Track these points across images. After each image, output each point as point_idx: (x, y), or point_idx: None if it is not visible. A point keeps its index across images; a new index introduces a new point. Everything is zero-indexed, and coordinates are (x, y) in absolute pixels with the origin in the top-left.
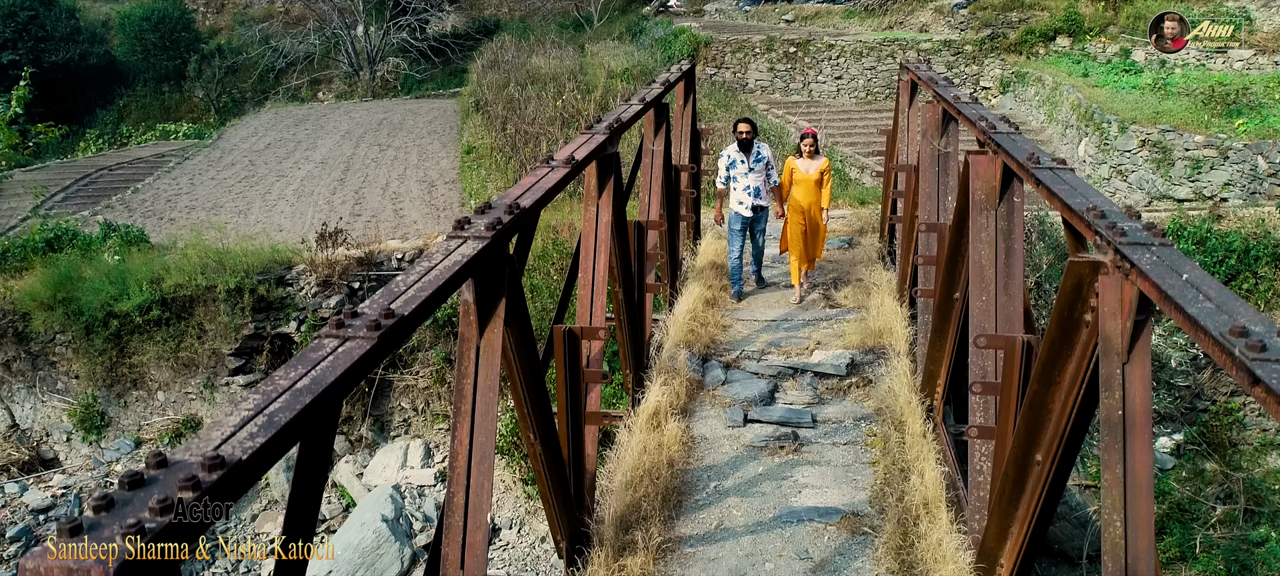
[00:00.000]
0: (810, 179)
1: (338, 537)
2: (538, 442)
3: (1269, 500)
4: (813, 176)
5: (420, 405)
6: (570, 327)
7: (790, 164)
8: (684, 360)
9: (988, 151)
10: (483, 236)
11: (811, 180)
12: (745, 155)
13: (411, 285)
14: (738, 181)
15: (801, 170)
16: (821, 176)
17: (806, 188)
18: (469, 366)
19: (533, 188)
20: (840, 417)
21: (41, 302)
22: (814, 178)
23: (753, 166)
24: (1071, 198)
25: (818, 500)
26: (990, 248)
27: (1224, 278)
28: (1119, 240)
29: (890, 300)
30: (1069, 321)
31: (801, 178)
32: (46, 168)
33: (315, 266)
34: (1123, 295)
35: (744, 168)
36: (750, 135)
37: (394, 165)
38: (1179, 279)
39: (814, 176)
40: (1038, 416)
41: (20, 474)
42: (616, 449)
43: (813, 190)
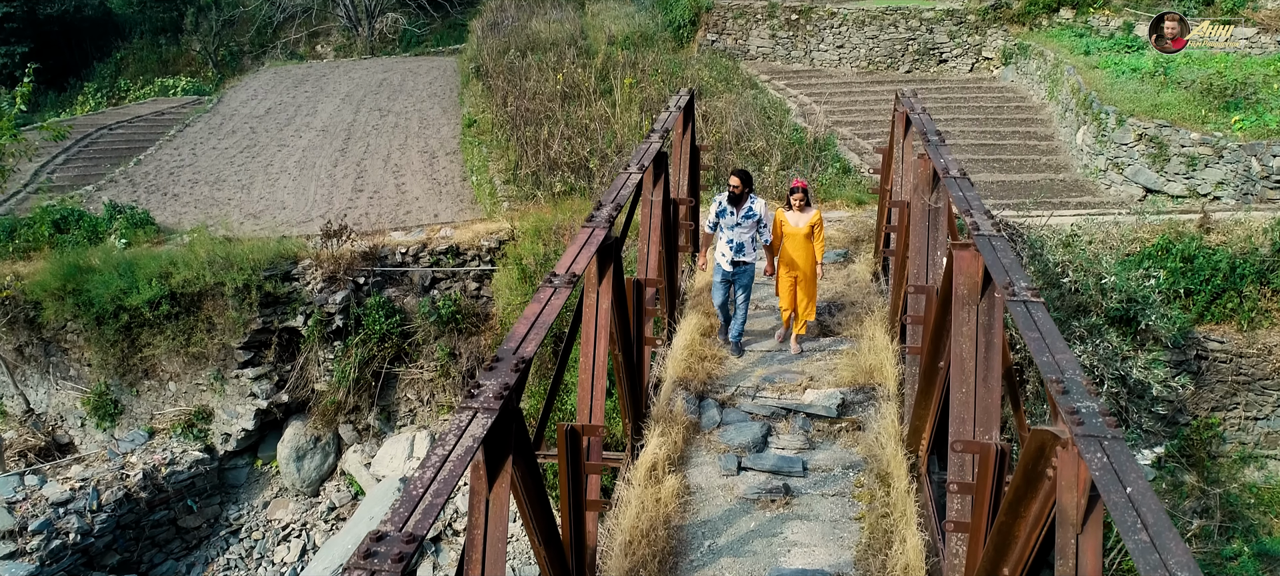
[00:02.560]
0: (800, 233)
1: (346, 531)
2: (542, 549)
3: (1243, 515)
4: (803, 230)
5: (426, 397)
6: (572, 426)
7: (779, 216)
8: (681, 405)
9: (971, 248)
10: (491, 408)
11: (802, 234)
12: (735, 208)
13: (428, 487)
14: (723, 232)
15: (791, 224)
16: (812, 229)
17: (797, 242)
18: (479, 518)
19: (537, 323)
20: (829, 465)
21: (52, 292)
22: (804, 232)
23: (741, 220)
24: (1040, 353)
25: (805, 561)
26: (971, 342)
27: (1209, 297)
28: (1077, 430)
29: (882, 334)
30: (1033, 474)
31: (791, 232)
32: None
33: (321, 261)
34: (1078, 474)
35: (732, 220)
36: (740, 190)
37: (395, 133)
38: (1123, 493)
39: (804, 230)
40: (1005, 540)
41: (37, 459)
42: (616, 505)
43: (803, 244)
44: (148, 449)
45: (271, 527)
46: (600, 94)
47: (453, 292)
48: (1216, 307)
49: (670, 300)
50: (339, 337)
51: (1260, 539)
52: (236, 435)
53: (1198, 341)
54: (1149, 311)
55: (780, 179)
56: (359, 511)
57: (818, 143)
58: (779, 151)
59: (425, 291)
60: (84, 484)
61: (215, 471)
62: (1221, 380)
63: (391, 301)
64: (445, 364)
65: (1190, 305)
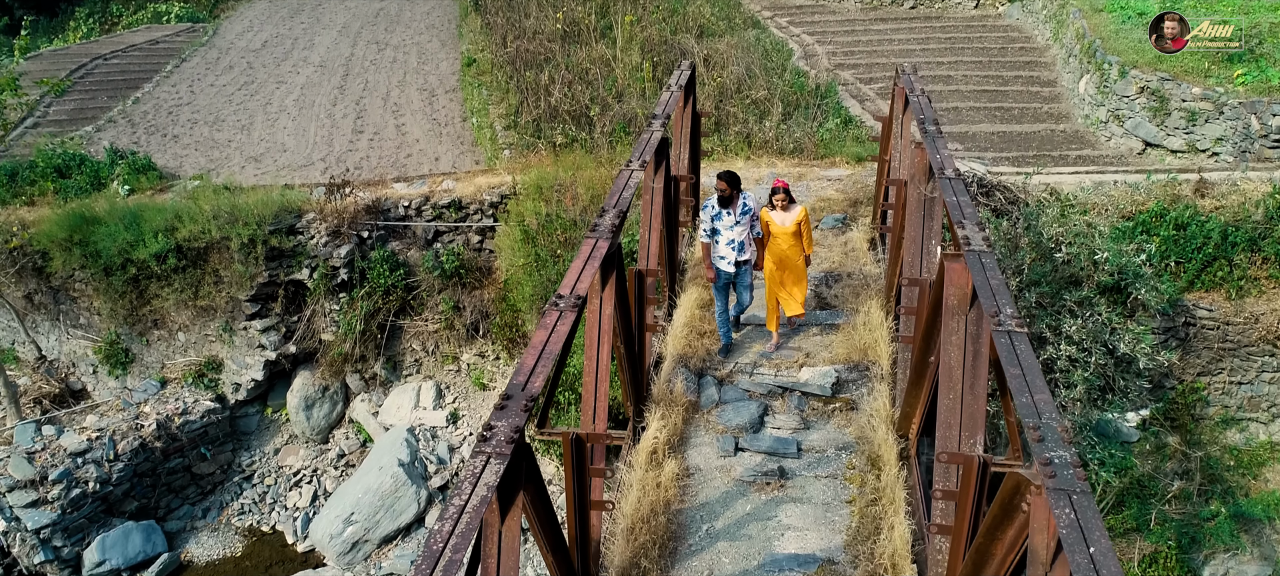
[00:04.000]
0: (788, 231)
1: (356, 478)
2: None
3: (1222, 478)
4: (790, 228)
5: (431, 347)
6: (577, 434)
7: (765, 216)
8: (680, 385)
9: (962, 261)
10: (503, 453)
11: (789, 232)
12: (727, 210)
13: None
14: (721, 235)
15: (778, 222)
16: (799, 226)
17: (785, 240)
18: (492, 548)
19: (545, 354)
20: (823, 446)
21: (58, 242)
22: (791, 229)
23: (738, 220)
24: (1020, 392)
25: (798, 545)
26: (959, 350)
27: (1200, 265)
28: (1048, 481)
29: (877, 310)
30: (1010, 506)
31: (779, 230)
32: (40, 56)
33: (325, 215)
34: (1048, 520)
35: (730, 221)
36: (728, 193)
37: (393, 69)
38: (1086, 554)
39: (791, 228)
40: (983, 558)
41: (52, 405)
42: (619, 488)
43: (792, 242)
44: (160, 399)
45: (283, 473)
46: (601, 33)
47: (455, 246)
48: (1207, 276)
49: (670, 275)
50: (344, 290)
51: (1237, 500)
52: (246, 385)
53: (1187, 309)
54: (1139, 283)
55: (781, 132)
56: (368, 460)
57: (819, 89)
58: (780, 101)
59: (428, 244)
60: (100, 434)
61: (227, 420)
62: (1208, 347)
63: (395, 254)
64: (450, 316)
65: (1181, 274)
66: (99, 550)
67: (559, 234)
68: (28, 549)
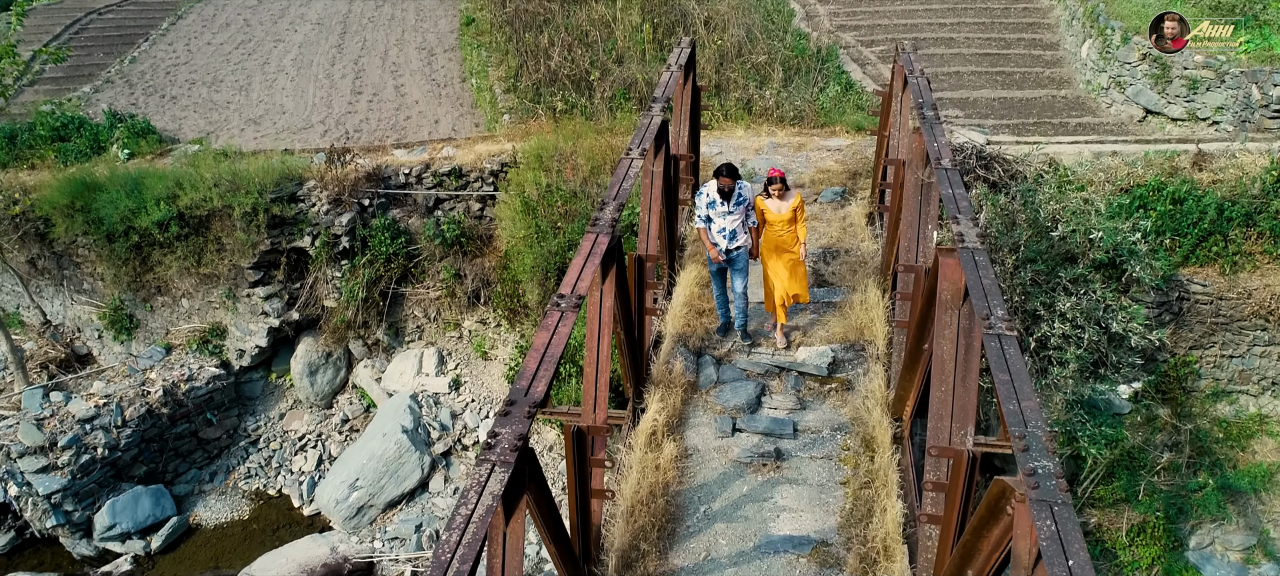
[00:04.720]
0: (783, 219)
1: (361, 444)
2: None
3: (1211, 450)
4: (785, 215)
5: (433, 314)
6: (578, 427)
7: (760, 205)
8: (679, 366)
9: (956, 255)
10: (507, 461)
11: (785, 219)
12: (724, 200)
13: (455, 552)
14: (714, 223)
15: (773, 210)
16: (794, 214)
17: (781, 228)
18: (498, 548)
19: (547, 357)
20: (818, 427)
21: (61, 209)
22: (787, 217)
23: (732, 209)
24: (1007, 399)
25: (793, 527)
26: (951, 344)
27: (1195, 240)
28: (1031, 492)
29: (873, 289)
30: (995, 509)
31: (774, 218)
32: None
33: (326, 183)
34: (1031, 527)
35: (723, 210)
36: (729, 188)
37: (391, 27)
38: (1064, 568)
39: (786, 215)
40: (970, 553)
41: (59, 370)
42: (619, 470)
43: (788, 229)
44: (166, 365)
45: (288, 438)
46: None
47: (456, 214)
48: (1201, 250)
49: (670, 254)
50: (346, 257)
51: (1225, 473)
52: (250, 351)
53: (1181, 283)
54: (1134, 260)
55: (782, 100)
56: (372, 426)
57: (820, 53)
58: (780, 66)
59: (429, 212)
60: (108, 400)
61: (232, 385)
62: (1201, 321)
63: (396, 222)
64: (451, 284)
65: (1176, 248)
66: (109, 514)
67: (559, 205)
68: (40, 513)
